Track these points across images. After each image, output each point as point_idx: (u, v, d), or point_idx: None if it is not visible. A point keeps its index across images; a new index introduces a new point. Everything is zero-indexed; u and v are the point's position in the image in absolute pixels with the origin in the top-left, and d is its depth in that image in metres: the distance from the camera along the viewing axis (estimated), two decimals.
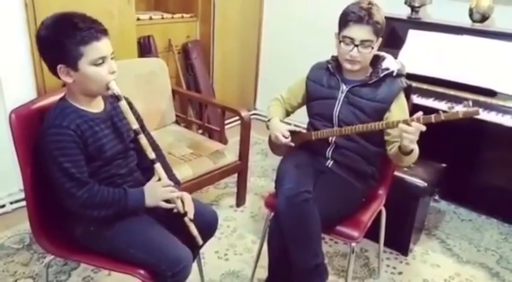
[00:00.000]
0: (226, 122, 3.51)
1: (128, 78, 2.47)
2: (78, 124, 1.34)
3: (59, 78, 1.35)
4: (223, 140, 2.90)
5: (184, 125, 2.96)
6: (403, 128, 1.49)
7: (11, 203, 2.43)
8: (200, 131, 3.08)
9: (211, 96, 3.37)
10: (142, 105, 2.49)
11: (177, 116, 2.85)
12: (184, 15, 3.31)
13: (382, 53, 1.79)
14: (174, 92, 2.78)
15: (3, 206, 2.42)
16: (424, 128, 1.48)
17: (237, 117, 2.52)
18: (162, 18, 3.16)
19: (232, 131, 3.35)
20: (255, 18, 3.82)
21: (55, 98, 1.44)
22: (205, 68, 3.43)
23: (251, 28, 3.81)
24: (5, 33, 2.21)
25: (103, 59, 1.34)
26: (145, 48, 2.97)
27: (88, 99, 1.41)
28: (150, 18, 3.06)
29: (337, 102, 1.77)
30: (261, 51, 3.95)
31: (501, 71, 2.46)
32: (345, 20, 1.67)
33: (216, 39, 3.46)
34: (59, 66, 1.32)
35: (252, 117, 3.82)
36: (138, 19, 2.89)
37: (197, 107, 3.25)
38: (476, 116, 2.09)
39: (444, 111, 1.45)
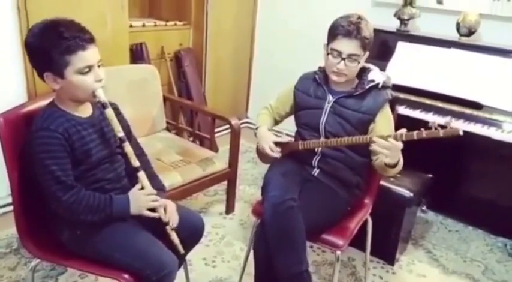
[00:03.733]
0: (218, 130, 3.53)
1: (120, 84, 2.49)
2: (65, 128, 1.36)
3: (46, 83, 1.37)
4: (213, 148, 2.92)
5: (175, 132, 2.97)
6: (378, 142, 1.53)
7: (0, 207, 2.43)
8: (191, 139, 3.09)
9: (202, 104, 3.40)
10: (133, 111, 2.51)
11: (168, 123, 2.87)
12: (178, 23, 3.34)
13: (368, 65, 1.82)
14: (165, 99, 2.80)
15: None
16: (400, 146, 1.52)
17: (228, 125, 2.54)
18: (155, 25, 3.19)
19: (223, 138, 3.36)
20: (248, 28, 3.87)
21: (44, 102, 1.46)
22: (198, 75, 3.46)
23: (244, 37, 3.85)
24: None
25: (89, 67, 1.35)
26: (137, 55, 2.99)
27: (76, 104, 1.43)
28: (143, 25, 3.09)
29: (324, 112, 1.80)
30: (253, 60, 3.99)
31: (487, 84, 2.51)
32: (334, 33, 1.70)
33: (208, 47, 3.49)
34: (45, 74, 1.34)
35: (243, 125, 3.86)
36: (131, 26, 2.92)
37: (188, 115, 3.27)
38: (463, 128, 2.15)
39: (426, 129, 1.48)
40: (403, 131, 1.53)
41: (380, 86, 1.77)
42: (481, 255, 2.48)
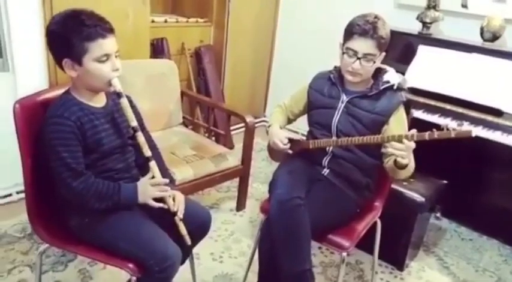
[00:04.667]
0: (236, 127, 3.56)
1: (138, 77, 2.53)
2: (78, 116, 1.39)
3: (64, 71, 1.41)
4: (228, 144, 2.95)
5: (192, 128, 3.00)
6: (393, 145, 1.51)
7: (17, 192, 2.50)
8: (207, 135, 3.12)
9: (220, 101, 3.42)
10: (151, 104, 2.56)
11: (184, 118, 2.90)
12: (199, 19, 3.37)
13: (384, 66, 1.80)
14: (183, 94, 2.84)
15: (9, 195, 2.50)
16: (413, 146, 1.50)
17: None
18: (177, 21, 3.23)
19: (241, 136, 3.36)
20: (269, 27, 3.87)
21: (60, 91, 1.49)
22: (217, 72, 3.48)
23: (264, 36, 3.86)
24: (22, 28, 2.29)
25: (107, 56, 1.38)
26: (158, 49, 3.03)
27: (91, 94, 1.46)
28: (165, 21, 3.13)
29: (337, 112, 1.79)
30: (273, 59, 4.00)
31: (508, 91, 2.44)
32: (350, 32, 1.69)
33: (229, 45, 3.51)
34: (64, 60, 1.38)
35: (260, 124, 3.87)
36: (153, 21, 2.96)
37: (206, 111, 3.30)
38: (482, 135, 2.08)
39: (438, 130, 1.46)
40: (414, 131, 1.50)
41: (395, 87, 1.75)
42: (494, 266, 2.42)
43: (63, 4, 2.29)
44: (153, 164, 1.49)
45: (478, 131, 2.38)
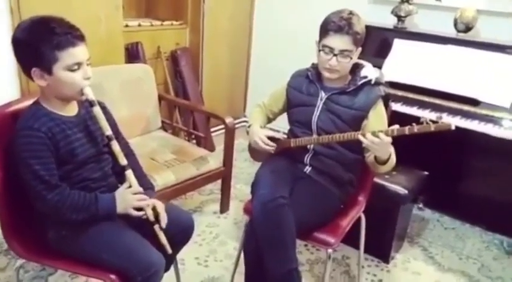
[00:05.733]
0: (216, 129, 3.53)
1: (114, 83, 2.49)
2: (49, 127, 1.35)
3: (33, 80, 1.36)
4: (209, 147, 2.92)
5: (171, 132, 2.97)
6: (369, 138, 1.52)
7: None
8: (187, 138, 3.08)
9: (199, 103, 3.39)
10: (128, 110, 2.52)
11: (163, 122, 2.86)
12: (174, 22, 3.33)
13: (361, 61, 1.81)
14: (160, 98, 2.79)
15: None
16: (388, 140, 1.50)
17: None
18: (151, 25, 3.18)
19: (221, 137, 3.33)
20: (245, 26, 3.86)
21: (30, 101, 1.45)
22: (194, 75, 3.45)
23: (241, 36, 3.84)
24: None
25: (78, 64, 1.35)
26: (133, 54, 2.99)
27: (62, 103, 1.42)
28: (139, 25, 3.09)
29: (316, 109, 1.78)
30: (250, 59, 3.98)
31: (484, 81, 2.48)
32: (325, 29, 1.68)
33: (205, 46, 3.48)
34: (33, 70, 1.33)
35: (240, 124, 3.85)
36: (127, 26, 2.91)
37: (185, 114, 3.27)
38: (460, 125, 2.10)
39: (418, 123, 1.47)
40: (396, 126, 1.51)
41: (373, 82, 1.75)
42: (477, 253, 2.46)
43: (32, 11, 2.25)
44: (129, 173, 1.45)
45: (456, 121, 2.41)
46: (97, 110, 1.42)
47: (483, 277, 2.26)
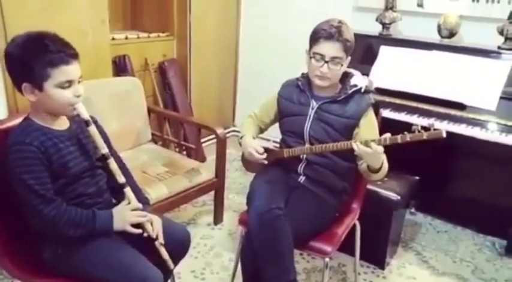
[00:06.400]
0: (205, 139, 3.53)
1: (102, 97, 2.47)
2: (41, 141, 1.34)
3: (22, 94, 1.35)
4: (200, 158, 2.91)
5: (161, 144, 2.95)
6: (361, 149, 1.53)
7: None
8: (177, 150, 3.07)
9: (189, 115, 3.38)
10: (117, 124, 2.50)
11: (153, 134, 2.84)
12: (161, 34, 3.33)
13: (350, 70, 1.83)
14: (150, 110, 2.78)
15: None
16: (380, 150, 1.52)
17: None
18: (138, 37, 3.17)
19: (211, 148, 3.33)
20: (232, 37, 3.87)
21: (20, 119, 1.43)
22: (183, 86, 3.44)
23: (228, 46, 3.85)
24: None
25: (69, 82, 1.34)
26: (120, 67, 2.97)
27: (52, 117, 1.41)
28: (126, 38, 3.07)
29: (308, 118, 1.79)
30: (238, 69, 3.99)
31: (469, 85, 2.52)
32: (316, 37, 1.70)
33: (193, 57, 3.48)
34: (24, 85, 1.32)
35: (230, 134, 3.86)
36: (113, 39, 2.90)
37: (175, 126, 3.25)
38: (448, 129, 2.14)
39: (410, 132, 1.48)
40: (387, 135, 1.53)
41: (363, 90, 1.77)
42: (470, 255, 2.48)
43: (18, 25, 2.23)
44: (127, 190, 1.45)
45: (444, 126, 2.45)
46: (92, 130, 1.42)
47: (477, 279, 2.28)
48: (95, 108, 2.28)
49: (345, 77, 1.80)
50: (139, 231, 1.43)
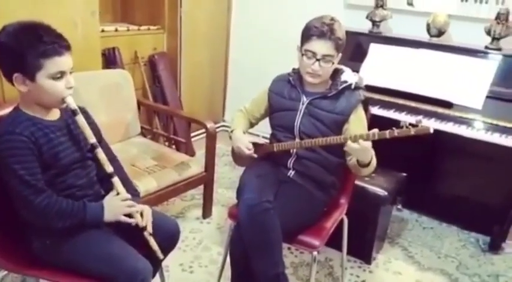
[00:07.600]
0: (195, 133, 3.52)
1: (92, 89, 2.45)
2: (32, 131, 1.33)
3: (13, 85, 1.34)
4: (190, 152, 2.91)
5: (151, 137, 2.94)
6: (350, 146, 1.54)
7: None
8: (167, 143, 3.06)
9: (178, 108, 3.37)
10: (107, 116, 2.48)
11: (143, 128, 2.83)
12: (151, 27, 3.31)
13: (341, 66, 1.84)
14: (139, 103, 2.77)
15: None
16: (368, 145, 1.54)
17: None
18: (128, 30, 3.15)
19: (201, 142, 3.34)
20: (223, 31, 3.86)
21: (9, 109, 1.42)
22: (173, 80, 3.43)
23: (219, 40, 3.85)
24: None
25: (62, 73, 1.33)
26: (110, 59, 2.95)
27: (42, 108, 1.40)
28: (116, 30, 3.05)
29: (298, 113, 1.81)
30: (229, 63, 3.99)
31: (457, 84, 2.56)
32: (308, 34, 1.71)
33: (183, 51, 3.47)
34: (15, 75, 1.31)
35: (220, 129, 3.86)
36: (103, 31, 2.87)
37: (164, 119, 3.24)
38: (435, 127, 2.18)
39: (398, 128, 1.50)
40: (376, 130, 1.55)
41: (353, 86, 1.79)
42: (454, 251, 2.53)
43: (6, 15, 2.20)
44: (115, 180, 1.45)
45: (431, 123, 2.48)
46: (81, 120, 1.41)
47: (461, 274, 2.33)
48: (84, 100, 2.26)
49: (336, 73, 1.82)
50: (133, 220, 1.43)
